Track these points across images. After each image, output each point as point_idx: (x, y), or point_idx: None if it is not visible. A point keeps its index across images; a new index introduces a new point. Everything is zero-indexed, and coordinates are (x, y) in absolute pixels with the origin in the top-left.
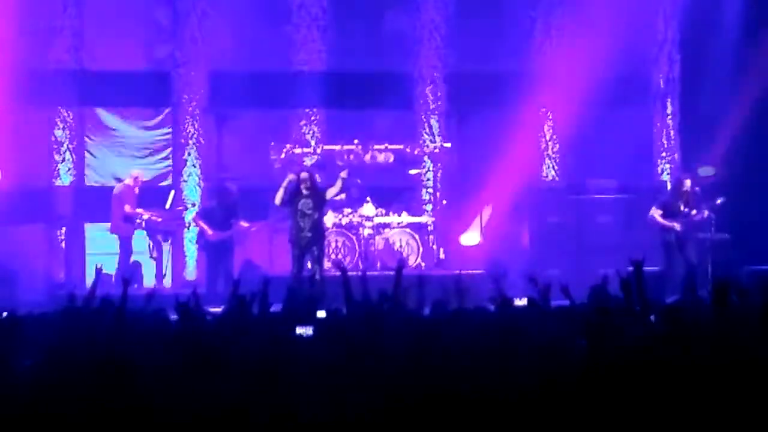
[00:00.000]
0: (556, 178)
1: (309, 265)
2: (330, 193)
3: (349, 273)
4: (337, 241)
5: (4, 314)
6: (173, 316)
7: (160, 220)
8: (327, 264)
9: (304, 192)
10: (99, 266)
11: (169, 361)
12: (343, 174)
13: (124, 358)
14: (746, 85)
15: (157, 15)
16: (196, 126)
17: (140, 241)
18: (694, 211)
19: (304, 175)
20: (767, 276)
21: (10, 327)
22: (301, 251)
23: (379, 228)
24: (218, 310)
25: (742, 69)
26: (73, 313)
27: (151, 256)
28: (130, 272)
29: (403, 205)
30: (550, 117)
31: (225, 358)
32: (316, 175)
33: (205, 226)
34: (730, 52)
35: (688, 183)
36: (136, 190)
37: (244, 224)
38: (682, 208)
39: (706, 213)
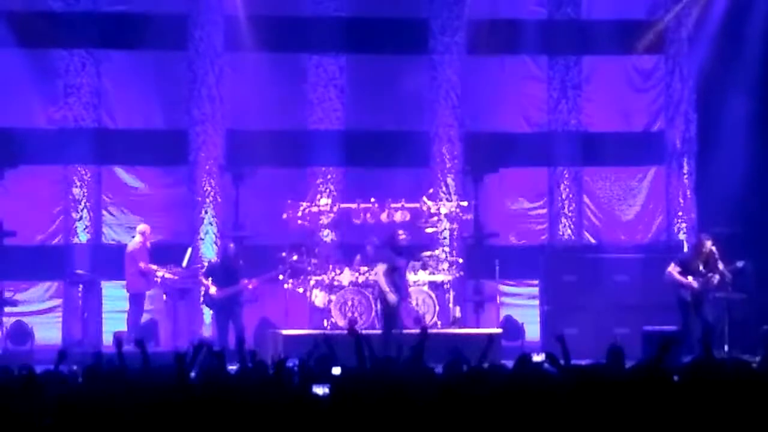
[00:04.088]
0: (573, 237)
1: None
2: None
3: (364, 331)
4: (353, 299)
5: (23, 372)
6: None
7: (176, 278)
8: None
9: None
10: (118, 334)
11: (184, 418)
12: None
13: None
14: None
15: (174, 73)
16: (213, 184)
17: (156, 298)
18: (710, 274)
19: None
20: None
21: (30, 385)
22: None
23: None
24: (233, 367)
25: (759, 127)
26: (95, 372)
27: (167, 314)
28: (143, 330)
29: (420, 264)
30: (566, 175)
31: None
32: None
33: (209, 284)
34: (746, 110)
35: (708, 243)
36: (148, 244)
37: (245, 281)
38: (700, 267)
39: (717, 278)
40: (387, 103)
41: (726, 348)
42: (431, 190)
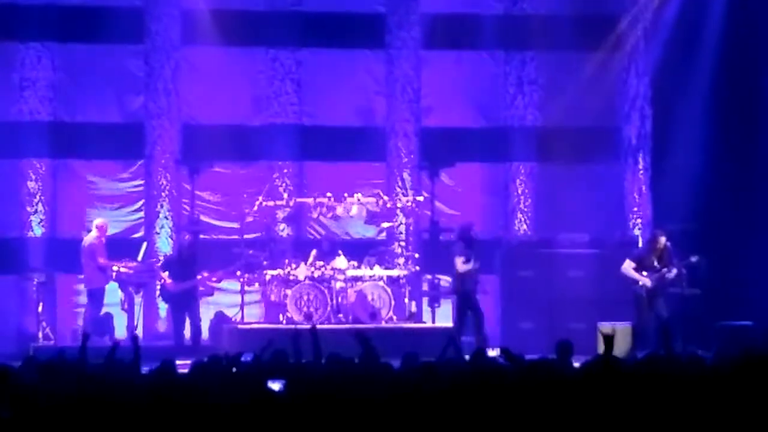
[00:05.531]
0: (528, 232)
1: None
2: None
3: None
4: (309, 294)
5: None
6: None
7: (132, 272)
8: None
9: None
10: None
11: (139, 414)
12: None
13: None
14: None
15: (130, 67)
16: (168, 178)
17: (112, 292)
18: (665, 269)
19: None
20: (738, 332)
21: None
22: None
23: (352, 281)
24: (187, 362)
25: (714, 124)
26: (52, 366)
27: (122, 308)
28: (101, 324)
29: (375, 258)
30: (522, 171)
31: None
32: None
33: (165, 277)
34: (701, 107)
35: (662, 239)
36: (103, 239)
37: (205, 275)
38: (655, 263)
39: (675, 271)
40: (343, 97)
41: (680, 343)
42: (387, 185)
